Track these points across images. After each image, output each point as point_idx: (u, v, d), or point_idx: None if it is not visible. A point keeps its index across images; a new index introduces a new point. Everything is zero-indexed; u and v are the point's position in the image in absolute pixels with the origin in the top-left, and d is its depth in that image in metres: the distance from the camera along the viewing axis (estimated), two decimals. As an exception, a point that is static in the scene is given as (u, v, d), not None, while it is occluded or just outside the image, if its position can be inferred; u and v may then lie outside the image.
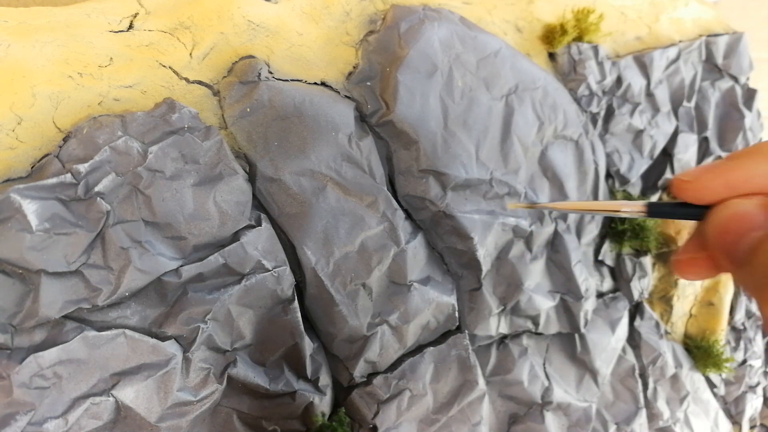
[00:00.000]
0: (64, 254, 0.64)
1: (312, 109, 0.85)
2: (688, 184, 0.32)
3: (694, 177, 0.32)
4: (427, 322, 0.98)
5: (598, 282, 1.32)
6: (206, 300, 0.74)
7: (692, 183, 0.32)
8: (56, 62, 0.74)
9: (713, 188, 0.31)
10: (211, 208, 0.75)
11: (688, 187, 0.32)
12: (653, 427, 1.34)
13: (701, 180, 0.31)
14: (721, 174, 0.31)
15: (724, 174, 0.31)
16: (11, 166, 0.66)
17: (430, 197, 0.95)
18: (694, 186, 0.32)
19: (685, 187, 0.32)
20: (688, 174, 0.32)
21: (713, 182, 0.31)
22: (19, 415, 0.62)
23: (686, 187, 0.32)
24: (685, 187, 0.32)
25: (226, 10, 0.86)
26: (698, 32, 1.59)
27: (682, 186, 0.32)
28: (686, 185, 0.32)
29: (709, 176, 0.31)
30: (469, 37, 1.04)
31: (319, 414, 0.87)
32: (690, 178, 0.32)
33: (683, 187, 0.32)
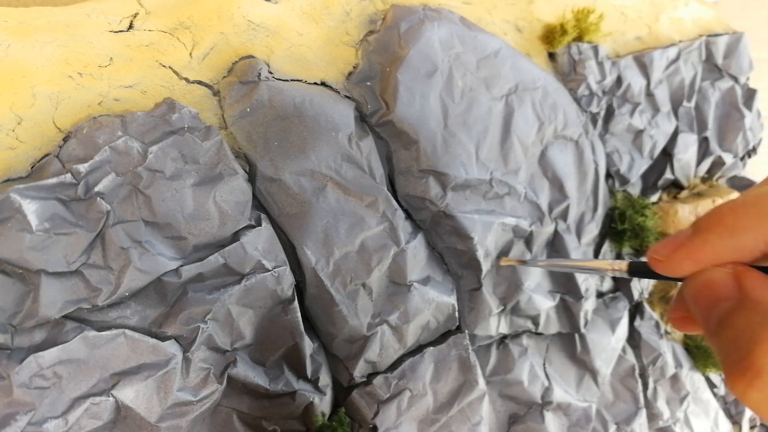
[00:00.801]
0: (64, 254, 0.64)
1: (312, 109, 0.85)
2: (660, 264, 0.33)
3: (665, 256, 0.33)
4: (427, 322, 0.98)
5: (598, 282, 1.32)
6: (206, 300, 0.74)
7: (664, 263, 0.33)
8: (56, 62, 0.74)
9: (684, 267, 0.32)
10: (211, 208, 0.75)
11: (661, 266, 0.33)
12: (653, 427, 1.34)
13: (672, 260, 0.32)
14: (689, 254, 0.31)
15: (692, 253, 0.31)
16: (11, 166, 0.66)
17: (430, 197, 0.95)
18: (666, 265, 0.33)
19: (657, 266, 0.33)
20: (660, 251, 0.33)
21: (683, 262, 0.32)
22: (19, 415, 0.62)
23: (659, 266, 0.33)
24: (658, 266, 0.33)
25: (226, 10, 0.86)
26: (698, 32, 1.59)
27: (654, 264, 0.33)
28: (658, 264, 0.33)
29: (678, 256, 0.32)
30: (469, 37, 1.04)
31: (319, 414, 0.87)
32: (661, 257, 0.33)
33: (656, 265, 0.33)
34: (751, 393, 0.25)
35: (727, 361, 0.27)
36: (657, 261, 0.33)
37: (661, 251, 0.33)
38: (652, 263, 0.34)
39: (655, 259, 0.33)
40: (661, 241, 0.33)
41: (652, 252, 0.34)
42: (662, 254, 0.33)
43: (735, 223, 0.29)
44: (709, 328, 0.29)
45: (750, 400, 0.25)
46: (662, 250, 0.33)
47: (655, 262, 0.33)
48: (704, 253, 0.31)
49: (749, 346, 0.25)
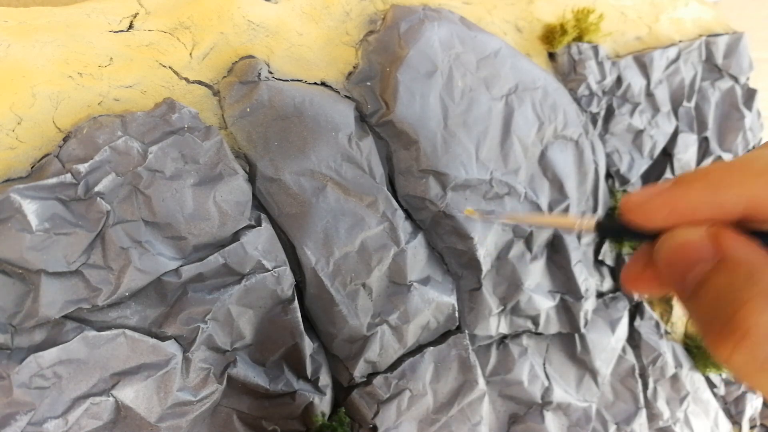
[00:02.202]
0: (64, 254, 0.64)
1: (312, 109, 0.85)
2: (635, 208, 0.31)
3: (641, 201, 0.31)
4: (427, 322, 0.98)
5: (598, 282, 1.32)
6: (206, 300, 0.74)
7: (639, 207, 0.31)
8: (56, 62, 0.74)
9: (659, 215, 0.30)
10: (211, 208, 0.75)
11: (636, 211, 0.31)
12: (653, 427, 1.34)
13: (648, 205, 0.30)
14: (666, 201, 0.30)
15: (670, 201, 0.29)
16: (11, 166, 0.66)
17: (430, 197, 0.95)
18: (641, 211, 0.31)
19: (632, 211, 0.31)
20: (637, 196, 0.31)
21: (659, 210, 0.30)
22: (19, 415, 0.62)
23: (633, 211, 0.31)
24: (633, 210, 0.31)
25: (226, 10, 0.86)
26: (698, 32, 1.59)
27: (629, 209, 0.31)
28: (633, 210, 0.31)
29: (655, 203, 0.30)
30: (469, 37, 1.04)
31: (319, 414, 0.87)
32: (637, 202, 0.31)
33: (630, 210, 0.31)
34: (737, 356, 0.24)
35: (708, 325, 0.26)
36: (631, 208, 0.31)
37: (638, 196, 0.31)
38: (625, 209, 0.31)
39: (629, 204, 0.31)
40: (637, 190, 0.31)
41: (626, 199, 0.32)
42: (639, 199, 0.31)
43: (719, 179, 0.28)
44: (684, 291, 0.28)
45: (735, 363, 0.24)
46: (638, 197, 0.31)
47: (629, 208, 0.31)
48: (683, 203, 0.29)
49: (733, 307, 0.24)
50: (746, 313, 0.24)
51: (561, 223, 0.38)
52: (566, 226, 0.37)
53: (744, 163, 0.28)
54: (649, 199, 0.30)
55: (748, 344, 0.23)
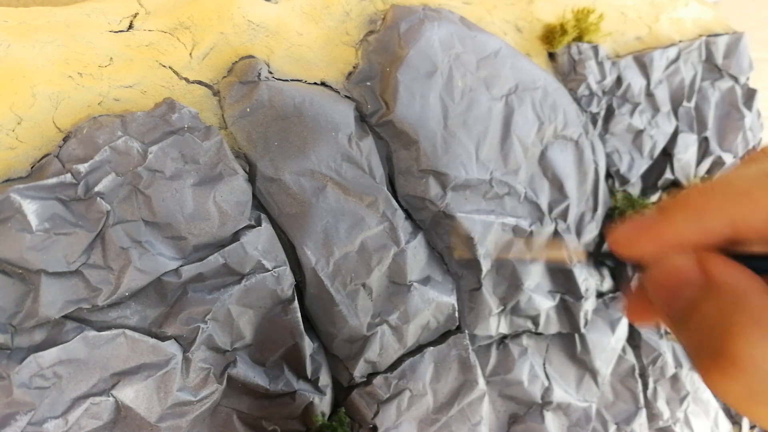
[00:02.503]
0: (64, 254, 0.64)
1: (312, 109, 0.85)
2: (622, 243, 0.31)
3: (627, 237, 0.31)
4: (427, 322, 0.98)
5: (598, 282, 1.32)
6: (206, 300, 0.74)
7: (626, 242, 0.31)
8: (56, 62, 0.74)
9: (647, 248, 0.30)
10: (211, 208, 0.75)
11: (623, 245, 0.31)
12: (653, 427, 1.34)
13: (634, 240, 0.30)
14: (653, 234, 0.30)
15: (656, 234, 0.29)
16: (11, 166, 0.66)
17: (430, 197, 0.95)
18: (628, 248, 0.31)
19: (619, 246, 0.31)
20: (621, 233, 0.31)
21: (647, 243, 0.30)
22: (19, 415, 0.62)
23: (621, 248, 0.31)
24: (620, 245, 0.31)
25: (226, 10, 0.86)
26: (698, 32, 1.59)
27: (616, 244, 0.31)
28: (621, 244, 0.31)
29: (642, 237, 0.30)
30: (469, 37, 1.04)
31: (319, 414, 0.87)
32: (623, 239, 0.31)
33: (618, 245, 0.31)
34: (726, 383, 0.24)
35: (697, 352, 0.25)
36: (616, 244, 0.31)
37: (622, 233, 0.31)
38: (613, 245, 0.32)
39: (615, 241, 0.31)
40: (623, 223, 0.31)
41: (613, 233, 0.32)
42: (623, 236, 0.31)
43: (702, 204, 0.28)
44: (674, 317, 0.28)
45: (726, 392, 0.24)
46: (624, 231, 0.31)
47: (616, 243, 0.31)
48: (668, 234, 0.29)
49: (721, 334, 0.24)
50: (735, 340, 0.23)
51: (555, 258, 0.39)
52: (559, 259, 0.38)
53: (723, 186, 0.27)
54: (635, 234, 0.30)
55: (738, 373, 0.23)
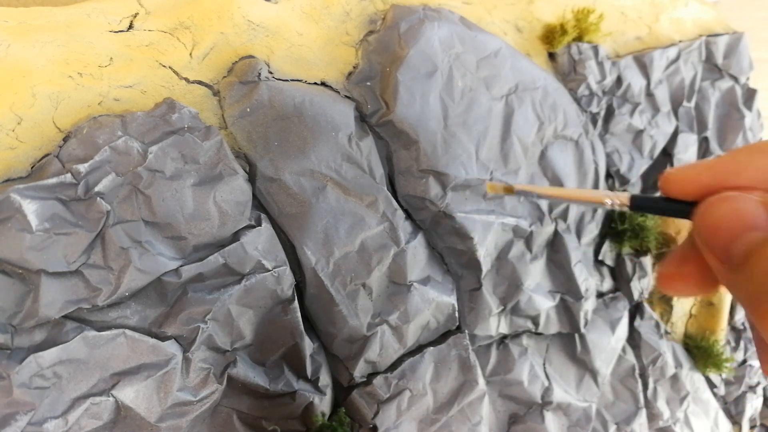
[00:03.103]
0: (64, 254, 0.64)
1: (312, 109, 0.85)
2: (676, 176, 0.29)
3: (683, 172, 0.29)
4: (427, 322, 0.98)
5: (598, 282, 1.32)
6: (206, 300, 0.74)
7: (680, 175, 0.29)
8: (56, 62, 0.74)
9: (701, 181, 0.28)
10: (211, 208, 0.75)
11: (674, 178, 0.29)
12: (653, 427, 1.34)
13: (690, 172, 0.29)
14: (711, 167, 0.28)
15: (714, 166, 0.28)
16: (11, 166, 0.66)
17: (430, 197, 0.95)
18: (680, 177, 0.29)
19: (670, 179, 0.29)
20: (677, 168, 0.29)
21: (701, 174, 0.28)
22: (19, 415, 0.62)
23: (672, 179, 0.29)
24: (671, 179, 0.29)
25: (226, 10, 0.86)
26: (698, 32, 1.59)
27: (669, 180, 0.30)
28: (674, 178, 0.29)
29: (699, 169, 0.28)
30: (469, 37, 1.04)
31: (319, 414, 0.87)
32: (678, 171, 0.29)
33: (670, 180, 0.29)
34: None
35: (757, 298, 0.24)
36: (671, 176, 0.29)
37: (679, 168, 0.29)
38: (665, 180, 0.29)
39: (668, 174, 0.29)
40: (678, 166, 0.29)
41: (668, 170, 0.30)
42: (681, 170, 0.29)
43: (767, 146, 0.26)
44: (731, 261, 0.25)
45: None
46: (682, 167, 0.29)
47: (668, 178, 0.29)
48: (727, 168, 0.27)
49: None
50: None
51: (593, 198, 0.36)
52: (598, 201, 0.35)
53: None
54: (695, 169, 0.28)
55: None
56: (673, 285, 0.32)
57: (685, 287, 0.31)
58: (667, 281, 0.32)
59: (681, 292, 0.32)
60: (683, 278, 0.31)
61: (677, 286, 0.31)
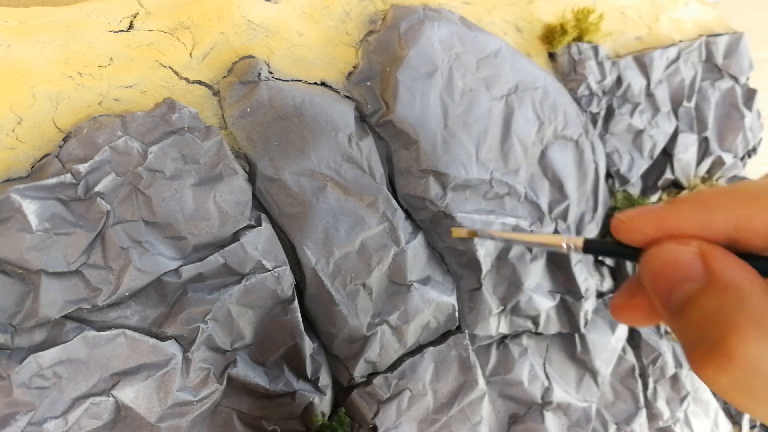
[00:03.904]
0: (64, 254, 0.64)
1: (312, 109, 0.85)
2: (622, 223, 0.31)
3: (629, 218, 0.31)
4: (427, 322, 0.98)
5: (598, 282, 1.32)
6: (206, 300, 0.74)
7: (626, 223, 0.31)
8: (56, 62, 0.74)
9: (647, 230, 0.30)
10: (211, 208, 0.75)
11: (622, 226, 0.31)
12: (653, 427, 1.34)
13: (635, 221, 0.31)
14: (655, 217, 0.30)
15: (659, 217, 0.30)
16: (11, 166, 0.66)
17: (430, 197, 0.95)
18: (627, 226, 0.31)
19: (619, 227, 0.31)
20: (626, 214, 0.31)
21: (647, 225, 0.30)
22: (19, 415, 0.62)
23: (620, 227, 0.31)
24: (620, 226, 0.31)
25: (226, 10, 0.86)
26: (698, 32, 1.59)
27: (616, 225, 0.32)
28: (620, 224, 0.31)
29: (643, 218, 0.30)
30: (469, 37, 1.04)
31: (319, 414, 0.87)
32: (625, 219, 0.31)
33: (618, 226, 0.32)
34: (722, 378, 0.24)
35: (692, 345, 0.26)
36: (619, 223, 0.31)
37: (626, 216, 0.31)
38: (614, 225, 0.32)
39: (618, 220, 0.31)
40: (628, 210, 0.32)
41: (616, 216, 0.32)
42: (627, 218, 0.31)
43: (710, 199, 0.28)
44: (670, 308, 0.28)
45: (719, 385, 0.24)
46: (628, 214, 0.31)
47: (617, 223, 0.31)
48: (672, 221, 0.29)
49: (720, 331, 0.24)
50: (734, 338, 0.23)
51: (549, 242, 0.38)
52: (554, 244, 0.37)
53: (736, 188, 0.28)
54: (639, 217, 0.31)
55: (733, 370, 0.23)
56: (623, 315, 0.34)
57: (635, 318, 0.34)
58: (618, 311, 0.34)
59: (631, 322, 0.34)
60: (633, 310, 0.33)
61: (627, 316, 0.34)
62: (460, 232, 0.48)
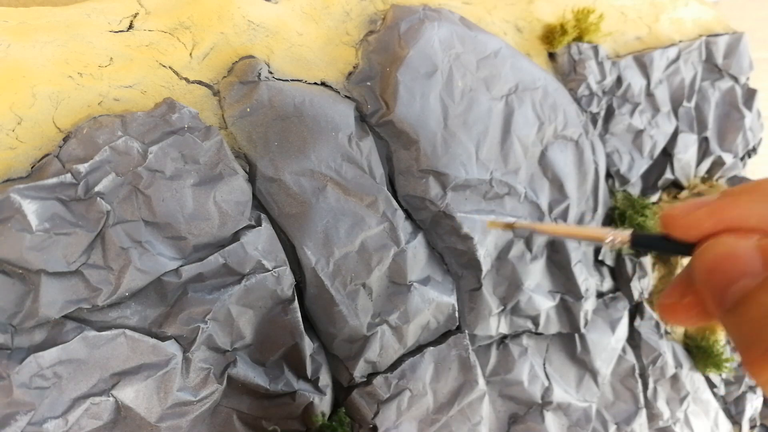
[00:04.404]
0: (64, 254, 0.64)
1: (312, 109, 0.85)
2: (677, 219, 0.29)
3: (684, 212, 0.29)
4: (427, 322, 0.98)
5: (598, 282, 1.31)
6: (206, 300, 0.74)
7: (682, 218, 0.29)
8: (56, 62, 0.74)
9: (703, 226, 0.28)
10: (211, 208, 0.75)
11: (677, 222, 0.29)
12: (653, 427, 1.34)
13: (692, 216, 0.29)
14: (713, 212, 0.28)
15: (717, 212, 0.28)
16: (11, 166, 0.66)
17: (430, 197, 0.95)
18: (683, 222, 0.29)
19: (673, 223, 0.30)
20: (679, 208, 0.30)
21: (704, 219, 0.28)
22: (19, 415, 0.62)
23: (675, 223, 0.29)
24: (674, 222, 0.29)
25: (226, 10, 0.86)
26: (698, 32, 1.59)
27: (670, 221, 0.30)
28: (675, 220, 0.29)
29: (700, 213, 0.28)
30: (469, 37, 1.04)
31: (319, 414, 0.87)
32: (679, 213, 0.29)
33: (672, 222, 0.30)
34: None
35: (747, 344, 0.24)
36: (673, 218, 0.29)
37: (681, 207, 0.29)
38: (666, 221, 0.30)
39: (670, 215, 0.29)
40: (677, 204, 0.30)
41: (668, 209, 0.30)
42: (682, 210, 0.29)
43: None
44: (724, 305, 0.26)
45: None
46: (681, 207, 0.29)
47: (669, 218, 0.29)
48: (730, 214, 0.27)
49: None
50: None
51: (593, 236, 0.37)
52: (598, 238, 0.36)
53: None
54: (695, 210, 0.29)
55: None
56: (675, 316, 0.32)
57: (687, 318, 0.32)
58: (669, 312, 0.32)
59: (683, 322, 0.32)
60: (685, 310, 0.31)
61: (679, 317, 0.32)
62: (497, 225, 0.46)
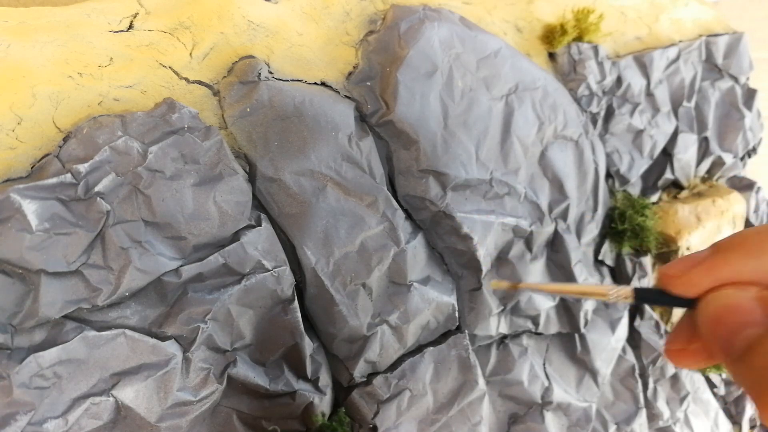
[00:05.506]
0: (64, 254, 0.64)
1: (312, 109, 0.85)
2: (675, 279, 0.31)
3: (681, 272, 0.31)
4: (427, 322, 0.98)
5: (598, 282, 1.31)
6: (206, 300, 0.74)
7: (679, 278, 0.31)
8: (56, 62, 0.74)
9: (702, 284, 0.30)
10: (211, 208, 0.75)
11: (676, 282, 0.31)
12: (653, 427, 1.34)
13: (689, 276, 0.30)
14: (709, 270, 0.30)
15: (713, 270, 0.29)
16: (11, 166, 0.66)
17: (430, 197, 0.95)
18: (682, 281, 0.31)
19: (672, 282, 0.31)
20: (675, 267, 0.31)
21: (701, 279, 0.30)
22: (19, 415, 0.62)
23: (674, 282, 0.31)
24: (673, 282, 0.31)
25: (226, 10, 0.86)
26: (698, 32, 1.59)
27: (668, 280, 0.31)
28: (673, 280, 0.31)
29: (697, 272, 0.30)
30: (469, 37, 1.04)
31: (319, 414, 0.87)
32: (677, 273, 0.31)
33: (670, 282, 0.31)
34: None
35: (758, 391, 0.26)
36: (670, 277, 0.31)
37: (676, 266, 0.31)
38: (665, 280, 0.31)
39: (668, 275, 0.31)
40: (674, 260, 0.32)
41: (664, 269, 0.32)
42: (678, 269, 0.31)
43: (760, 244, 0.28)
44: (731, 354, 0.27)
45: None
46: (677, 266, 0.31)
47: (668, 278, 0.31)
48: (725, 271, 0.29)
49: None
50: None
51: (596, 292, 0.38)
52: (602, 295, 0.37)
53: None
54: (689, 270, 0.30)
55: None
56: (683, 361, 0.34)
57: (696, 362, 0.33)
58: (677, 357, 0.34)
59: (691, 366, 0.34)
60: (693, 355, 0.33)
61: (687, 362, 0.34)
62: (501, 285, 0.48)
